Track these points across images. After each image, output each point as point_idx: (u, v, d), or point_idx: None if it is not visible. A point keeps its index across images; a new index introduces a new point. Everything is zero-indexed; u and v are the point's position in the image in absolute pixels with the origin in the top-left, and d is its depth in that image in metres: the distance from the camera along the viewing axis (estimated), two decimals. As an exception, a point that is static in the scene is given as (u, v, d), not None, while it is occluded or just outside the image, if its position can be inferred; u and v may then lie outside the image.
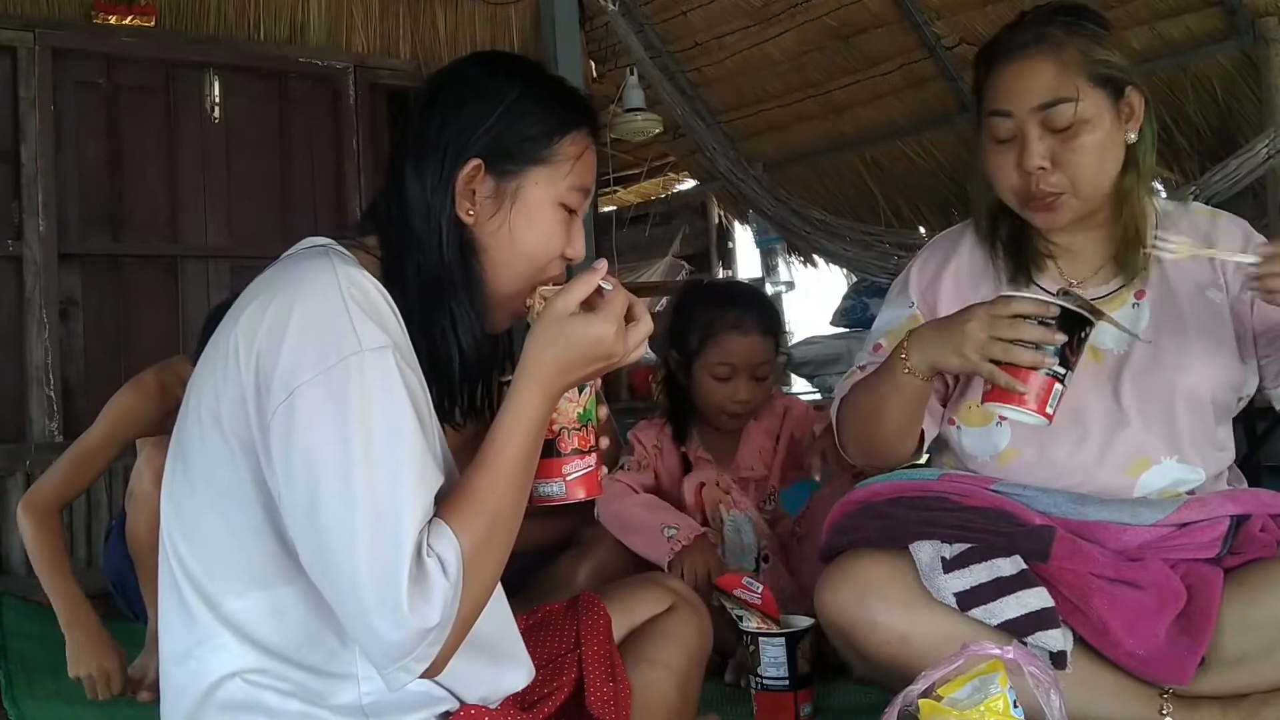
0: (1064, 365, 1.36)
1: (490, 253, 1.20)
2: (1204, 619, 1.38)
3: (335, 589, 1.02)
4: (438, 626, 1.01)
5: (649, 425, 2.44)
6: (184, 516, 1.14)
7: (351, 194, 4.49)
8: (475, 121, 1.18)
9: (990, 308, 1.40)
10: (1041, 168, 1.48)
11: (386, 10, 4.67)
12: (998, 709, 1.12)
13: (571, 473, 1.18)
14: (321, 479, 1.01)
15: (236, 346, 1.08)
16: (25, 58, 3.90)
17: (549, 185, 1.20)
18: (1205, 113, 4.16)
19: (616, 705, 1.31)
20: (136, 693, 2.15)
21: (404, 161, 1.20)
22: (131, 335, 4.10)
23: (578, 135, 1.22)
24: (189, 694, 1.13)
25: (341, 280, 1.07)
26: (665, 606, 1.50)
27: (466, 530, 1.04)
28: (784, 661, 1.73)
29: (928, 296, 1.69)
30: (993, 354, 1.37)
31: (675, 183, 7.37)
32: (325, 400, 1.02)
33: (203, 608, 1.11)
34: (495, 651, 1.22)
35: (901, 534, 1.49)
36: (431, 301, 1.16)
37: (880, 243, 4.01)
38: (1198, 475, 1.54)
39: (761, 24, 4.98)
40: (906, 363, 1.48)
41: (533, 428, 1.11)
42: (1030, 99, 1.47)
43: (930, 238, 1.80)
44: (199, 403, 1.13)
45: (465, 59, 1.28)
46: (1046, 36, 1.48)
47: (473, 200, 1.18)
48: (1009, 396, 1.37)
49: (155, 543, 2.29)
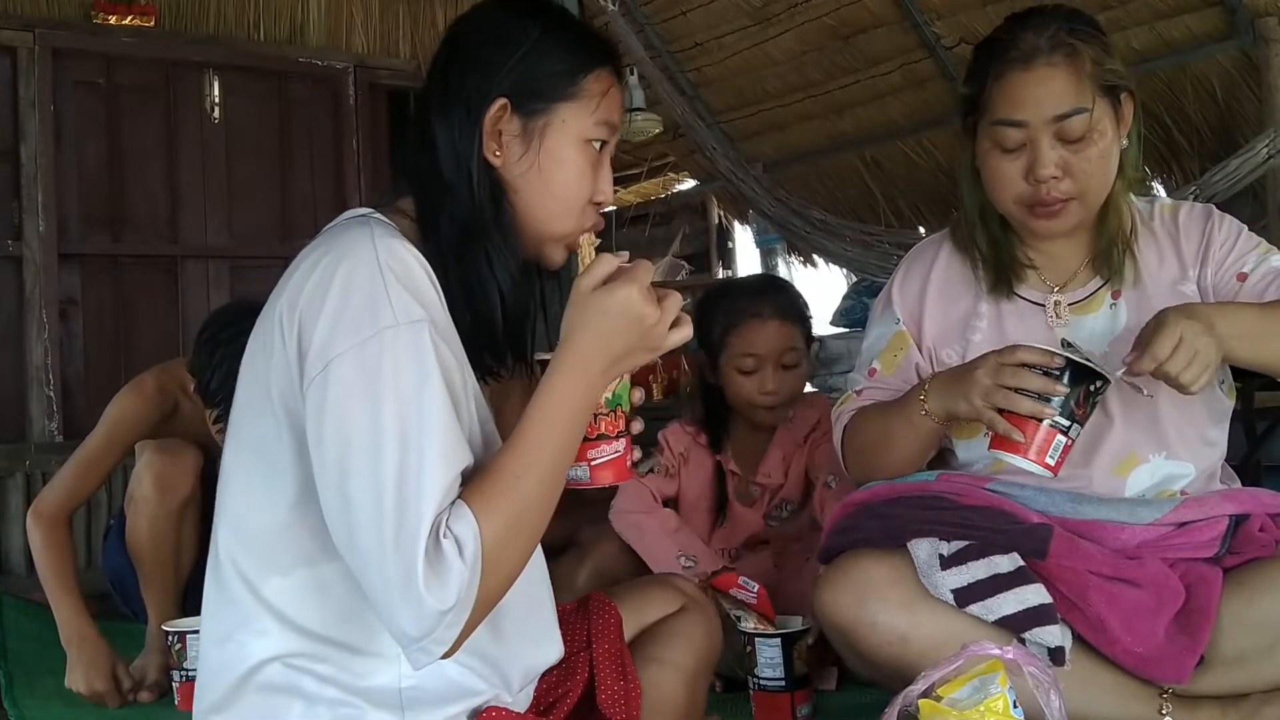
0: (1069, 418, 1.37)
1: (521, 193, 1.19)
2: (1203, 618, 1.38)
3: (362, 563, 1.02)
4: (454, 609, 1.00)
5: (681, 430, 2.37)
6: (234, 501, 1.16)
7: (351, 194, 4.49)
8: (499, 62, 1.18)
9: (999, 355, 1.41)
10: (1055, 177, 1.47)
11: (386, 10, 4.67)
12: (997, 709, 1.12)
13: (597, 458, 1.15)
14: (351, 452, 1.02)
15: (281, 318, 1.09)
16: (25, 58, 3.91)
17: (576, 122, 1.20)
18: (1205, 113, 4.16)
19: (626, 704, 1.31)
20: (137, 694, 2.16)
21: (430, 112, 1.20)
22: (131, 335, 4.10)
23: (602, 72, 1.22)
24: (227, 675, 1.13)
25: (380, 251, 1.08)
26: (676, 607, 1.49)
27: (489, 515, 1.03)
28: (780, 662, 1.73)
29: (912, 310, 1.69)
30: (996, 401, 1.39)
31: (675, 183, 7.37)
32: (358, 373, 1.03)
33: (244, 591, 1.13)
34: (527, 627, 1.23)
35: (900, 533, 1.50)
36: (467, 246, 1.16)
37: (880, 243, 4.00)
38: (1187, 470, 1.55)
39: (761, 24, 4.97)
40: (924, 405, 1.50)
41: (570, 409, 1.09)
42: (1047, 109, 1.46)
43: (930, 237, 1.80)
44: (251, 380, 1.15)
45: (483, 4, 1.27)
46: (1063, 44, 1.46)
47: (499, 141, 1.18)
48: (1010, 445, 1.39)
49: (155, 546, 2.32)
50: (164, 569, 2.28)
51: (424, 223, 1.19)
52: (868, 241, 4.05)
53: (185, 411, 2.38)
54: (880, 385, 1.67)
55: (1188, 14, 4.00)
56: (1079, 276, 1.61)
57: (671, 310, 1.12)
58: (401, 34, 4.70)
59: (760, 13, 4.91)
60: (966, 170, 1.61)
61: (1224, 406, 1.60)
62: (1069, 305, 1.60)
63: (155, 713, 2.11)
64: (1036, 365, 1.38)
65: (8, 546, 3.67)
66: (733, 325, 2.22)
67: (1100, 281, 1.60)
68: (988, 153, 1.53)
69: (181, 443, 2.32)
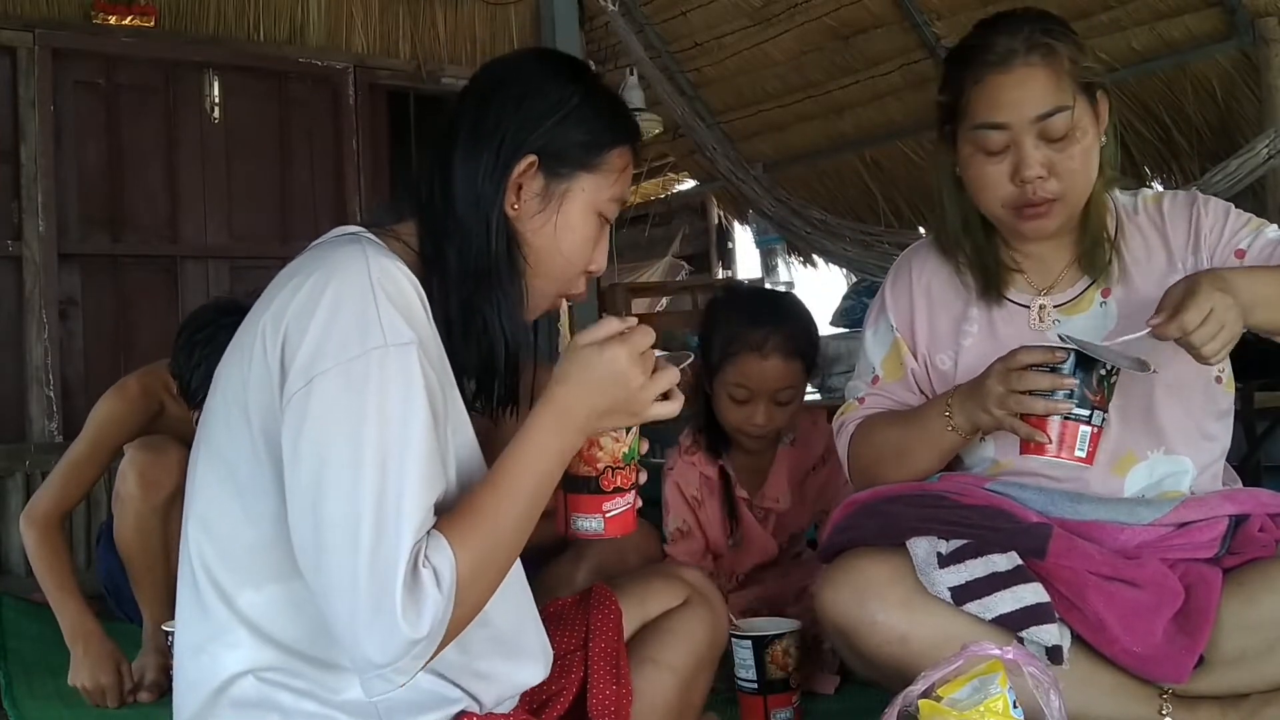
0: (1087, 406, 1.37)
1: (532, 249, 1.21)
2: (1202, 617, 1.38)
3: (329, 586, 1.01)
4: (425, 639, 1.00)
5: (685, 463, 2.24)
6: (206, 508, 1.14)
7: (351, 194, 4.49)
8: (537, 119, 1.19)
9: (1003, 361, 1.42)
10: (1040, 177, 1.47)
11: (386, 10, 4.67)
12: (997, 709, 1.12)
13: (611, 510, 1.18)
14: (329, 472, 1.01)
15: (265, 332, 1.08)
16: (25, 58, 3.90)
17: (594, 193, 1.23)
18: (1205, 113, 4.16)
19: (617, 710, 1.31)
20: (136, 694, 2.15)
21: (453, 148, 1.20)
22: (131, 335, 4.10)
23: (624, 149, 1.26)
24: (202, 688, 1.12)
25: (373, 269, 1.07)
26: (680, 600, 1.49)
27: (464, 548, 1.03)
28: (752, 664, 1.73)
29: (905, 317, 1.69)
30: (1011, 407, 1.40)
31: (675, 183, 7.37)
32: (343, 392, 1.02)
33: (218, 602, 1.11)
34: (513, 647, 1.22)
35: (899, 531, 1.50)
36: (477, 290, 1.17)
37: (880, 243, 4.00)
38: (1186, 467, 1.54)
39: (761, 24, 4.98)
40: (951, 421, 1.50)
41: (546, 458, 1.10)
42: (1028, 109, 1.46)
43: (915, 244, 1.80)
44: (225, 393, 1.13)
45: (525, 54, 1.30)
46: (1039, 44, 1.46)
47: (518, 195, 1.20)
48: (1036, 448, 1.40)
49: (143, 543, 2.32)
50: (153, 566, 2.27)
51: (429, 253, 1.19)
52: (867, 241, 4.06)
53: (171, 412, 2.37)
54: (884, 393, 1.67)
55: (1188, 14, 4.01)
56: (1065, 277, 1.61)
57: (662, 382, 1.13)
58: (401, 34, 4.70)
59: (760, 13, 4.92)
60: (947, 178, 1.60)
61: (1222, 399, 1.59)
62: (1056, 306, 1.60)
63: (155, 713, 2.11)
64: (1041, 364, 1.38)
65: (7, 546, 3.67)
66: (732, 352, 2.12)
67: (1087, 281, 1.60)
68: (970, 158, 1.52)
69: (166, 438, 2.31)
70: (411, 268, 1.13)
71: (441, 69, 4.73)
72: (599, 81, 1.28)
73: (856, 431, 1.65)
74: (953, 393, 1.53)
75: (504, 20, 4.91)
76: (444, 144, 1.21)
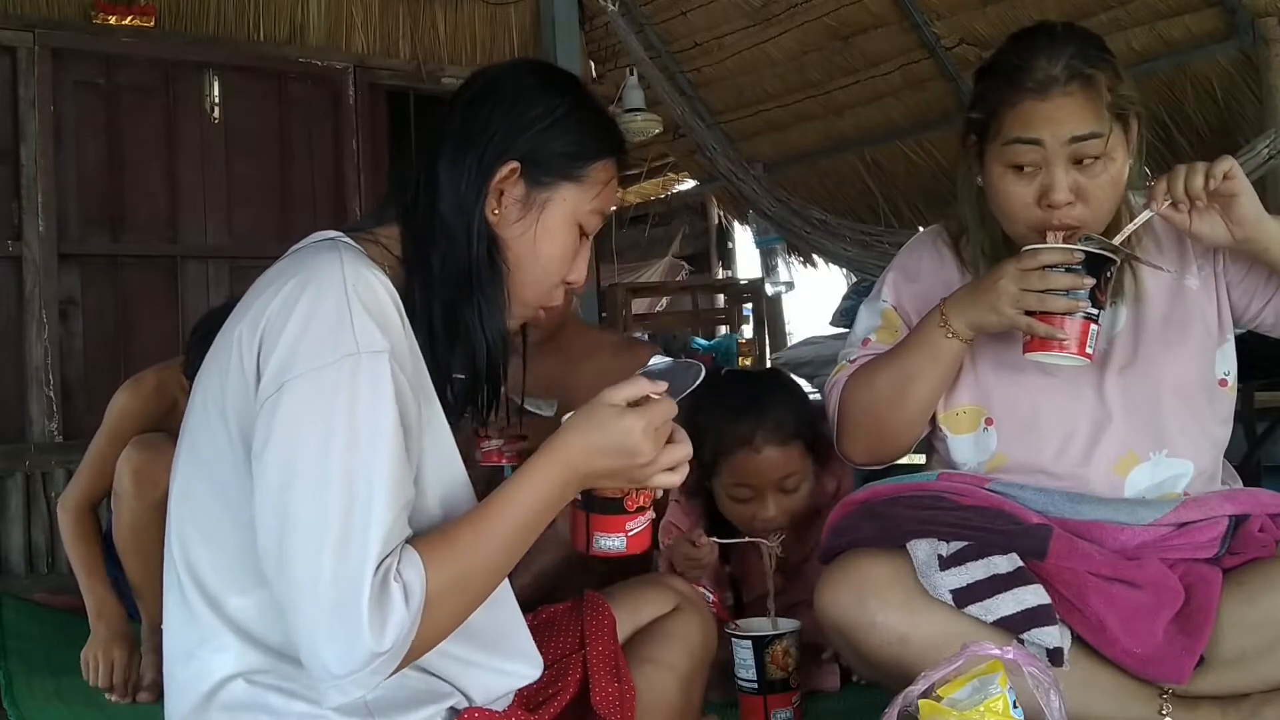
0: (1095, 305, 1.42)
1: (511, 254, 1.21)
2: (1202, 618, 1.38)
3: (291, 591, 1.00)
4: (388, 654, 0.99)
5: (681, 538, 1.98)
6: (190, 512, 1.14)
7: (351, 194, 4.49)
8: (522, 126, 1.20)
9: (1018, 261, 1.43)
10: (1069, 203, 1.46)
11: (386, 10, 4.67)
12: (997, 709, 1.12)
13: (633, 529, 1.19)
14: (297, 478, 1.01)
15: (241, 338, 1.08)
16: (25, 58, 3.90)
17: (575, 204, 1.23)
18: (1205, 113, 4.17)
19: (621, 705, 1.31)
20: (136, 694, 2.16)
21: (439, 151, 1.20)
22: (131, 335, 4.10)
23: (609, 162, 1.25)
24: (191, 693, 1.12)
25: (348, 276, 1.07)
26: (670, 607, 1.50)
27: (439, 570, 1.03)
28: (751, 664, 1.73)
29: (902, 296, 1.68)
30: (1028, 306, 1.42)
31: (675, 183, 7.38)
32: (313, 398, 1.02)
33: (204, 607, 1.11)
34: (499, 647, 1.22)
35: (899, 533, 1.50)
36: (458, 293, 1.18)
37: (880, 243, 4.01)
38: (1187, 469, 1.54)
39: (761, 24, 4.98)
40: (949, 328, 1.51)
41: (539, 501, 1.10)
42: (1064, 131, 1.45)
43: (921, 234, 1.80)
44: (205, 397, 1.13)
45: (518, 63, 1.30)
46: (1079, 74, 1.45)
47: (499, 201, 1.20)
48: (1049, 345, 1.43)
49: (138, 542, 2.33)
50: (150, 565, 2.27)
51: (411, 256, 1.19)
52: (867, 241, 4.06)
53: (183, 410, 2.38)
54: (876, 352, 1.64)
55: (1188, 14, 4.01)
56: None
57: (669, 458, 1.13)
58: (401, 34, 4.70)
59: (760, 13, 4.92)
60: (969, 192, 1.59)
61: (1225, 402, 1.59)
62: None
63: (155, 712, 2.10)
64: (1058, 264, 1.40)
65: (7, 546, 3.66)
66: (723, 451, 1.93)
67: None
68: (1000, 178, 1.50)
69: (163, 436, 2.31)
70: (391, 272, 1.14)
71: (441, 69, 4.73)
72: (588, 94, 1.28)
73: (849, 381, 1.62)
74: (945, 302, 1.52)
75: (504, 20, 4.92)
76: (431, 146, 1.22)
